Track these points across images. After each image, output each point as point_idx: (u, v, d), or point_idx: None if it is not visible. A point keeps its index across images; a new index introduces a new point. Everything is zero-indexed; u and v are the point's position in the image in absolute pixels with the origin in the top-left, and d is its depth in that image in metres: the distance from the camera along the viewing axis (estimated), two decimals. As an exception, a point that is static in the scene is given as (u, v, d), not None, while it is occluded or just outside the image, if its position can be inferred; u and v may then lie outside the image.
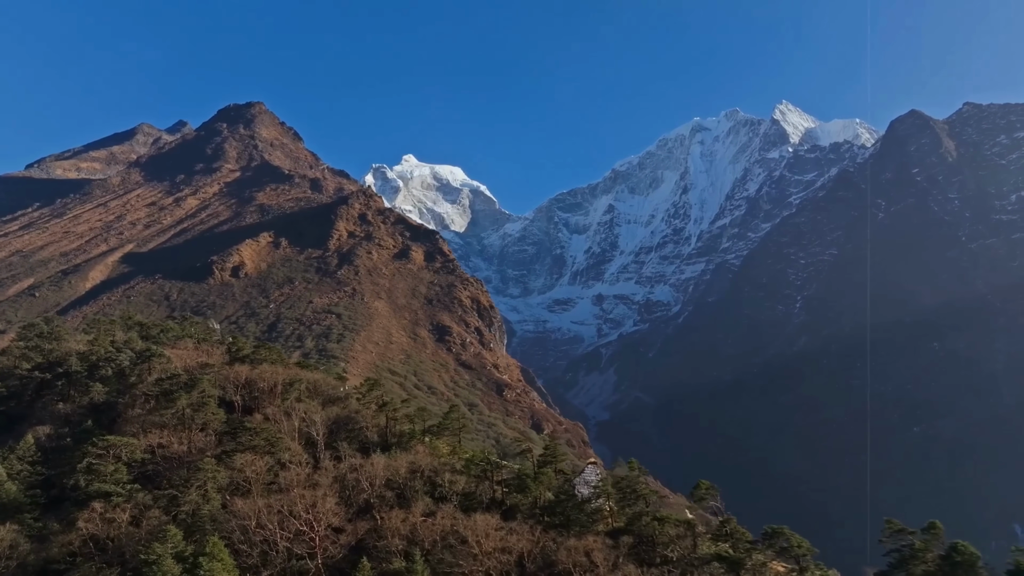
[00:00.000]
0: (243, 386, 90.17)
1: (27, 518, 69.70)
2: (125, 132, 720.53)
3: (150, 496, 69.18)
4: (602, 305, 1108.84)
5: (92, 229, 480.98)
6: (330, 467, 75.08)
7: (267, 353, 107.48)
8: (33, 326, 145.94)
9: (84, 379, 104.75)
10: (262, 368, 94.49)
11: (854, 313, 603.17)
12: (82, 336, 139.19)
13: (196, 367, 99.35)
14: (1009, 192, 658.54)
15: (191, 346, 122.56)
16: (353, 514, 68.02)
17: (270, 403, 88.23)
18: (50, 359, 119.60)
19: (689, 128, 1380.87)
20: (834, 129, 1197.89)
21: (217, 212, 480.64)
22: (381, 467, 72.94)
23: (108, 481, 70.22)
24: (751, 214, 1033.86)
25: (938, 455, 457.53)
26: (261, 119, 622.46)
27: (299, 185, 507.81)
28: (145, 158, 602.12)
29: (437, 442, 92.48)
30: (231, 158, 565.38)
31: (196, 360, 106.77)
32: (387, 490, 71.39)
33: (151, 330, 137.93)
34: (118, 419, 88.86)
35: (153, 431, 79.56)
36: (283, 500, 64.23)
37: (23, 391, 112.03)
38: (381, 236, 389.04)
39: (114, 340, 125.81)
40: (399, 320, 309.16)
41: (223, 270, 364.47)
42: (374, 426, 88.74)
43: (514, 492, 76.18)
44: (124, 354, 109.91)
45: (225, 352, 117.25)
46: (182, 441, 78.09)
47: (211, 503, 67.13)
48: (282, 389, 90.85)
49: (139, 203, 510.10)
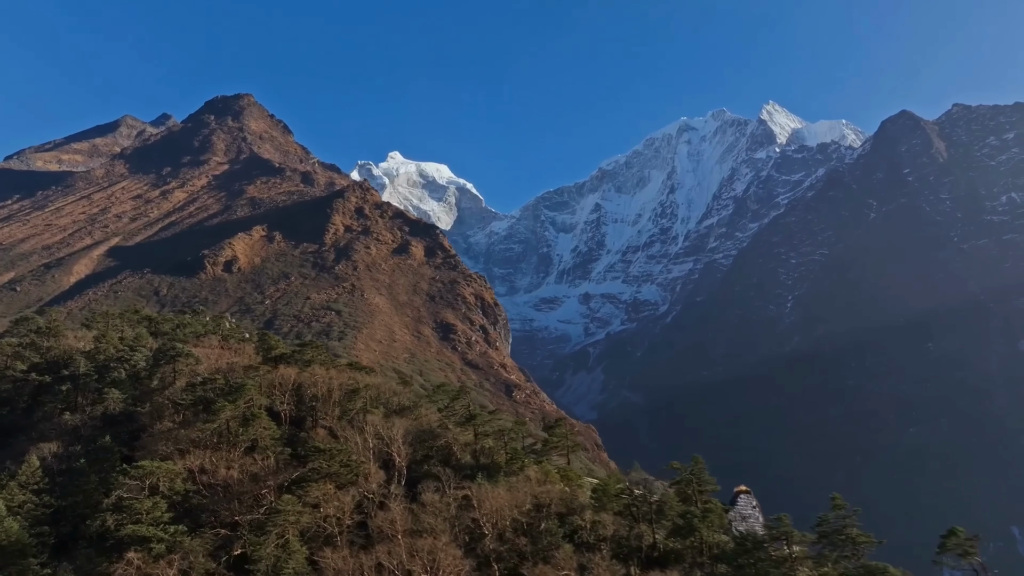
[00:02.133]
0: (290, 393, 76.86)
1: (33, 564, 55.68)
2: (108, 124, 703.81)
3: (199, 540, 55.04)
4: (589, 304, 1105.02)
5: (75, 222, 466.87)
6: (434, 502, 59.03)
7: (314, 353, 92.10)
8: (26, 320, 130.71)
9: (94, 383, 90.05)
10: (313, 371, 79.64)
11: (847, 313, 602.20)
12: (84, 332, 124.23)
13: (229, 369, 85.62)
14: (999, 193, 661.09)
15: (216, 343, 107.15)
16: (474, 570, 53.75)
17: (327, 414, 74.93)
18: (48, 358, 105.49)
19: (676, 127, 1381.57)
20: (820, 130, 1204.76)
21: (206, 205, 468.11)
22: (504, 502, 57.57)
23: (144, 521, 55.45)
24: (738, 214, 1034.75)
25: (934, 456, 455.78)
26: (250, 111, 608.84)
27: (290, 178, 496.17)
28: (130, 150, 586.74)
29: (547, 465, 75.67)
30: (219, 151, 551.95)
31: (227, 361, 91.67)
32: (516, 534, 57.08)
33: (162, 325, 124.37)
34: (141, 434, 74.71)
35: (190, 451, 64.37)
36: (389, 552, 51.05)
37: (17, 396, 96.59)
38: (379, 230, 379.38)
39: (123, 336, 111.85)
40: (401, 317, 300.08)
41: (215, 264, 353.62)
42: (464, 444, 73.63)
43: (674, 535, 60.36)
44: (139, 353, 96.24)
45: (257, 351, 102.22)
46: (229, 464, 62.49)
47: (295, 558, 52.10)
48: (341, 397, 76.69)
49: (124, 196, 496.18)
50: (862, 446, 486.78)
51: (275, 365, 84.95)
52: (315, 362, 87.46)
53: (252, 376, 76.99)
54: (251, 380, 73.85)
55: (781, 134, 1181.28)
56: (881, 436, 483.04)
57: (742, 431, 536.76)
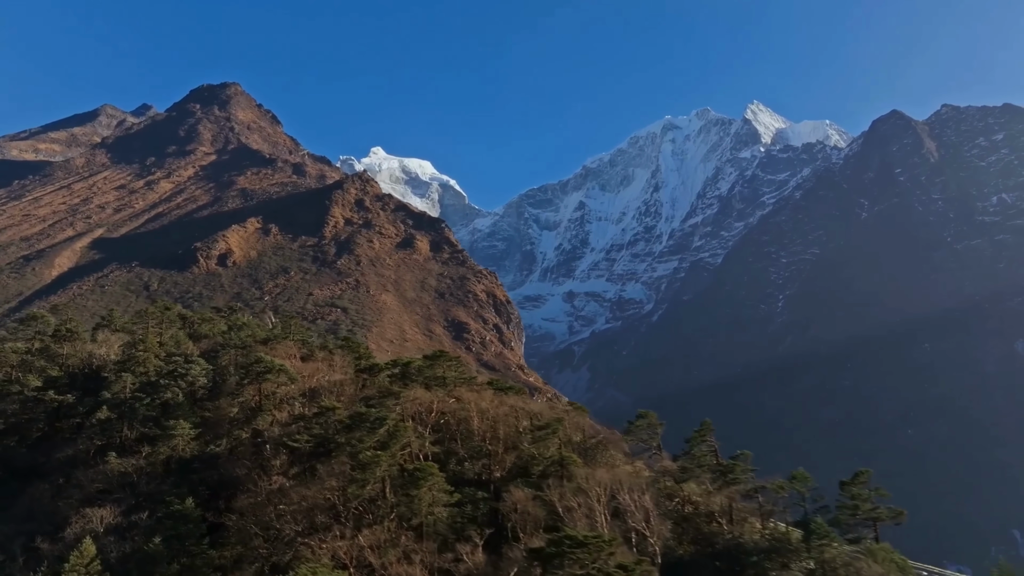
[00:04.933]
0: (436, 427, 56.27)
1: None
2: (86, 113, 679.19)
3: None
4: (573, 302, 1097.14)
5: (55, 212, 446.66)
6: None
7: (447, 367, 66.53)
8: (35, 319, 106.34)
9: (144, 409, 67.47)
10: (461, 395, 58.52)
11: (841, 313, 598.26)
12: (107, 334, 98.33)
13: (331, 389, 64.10)
14: (990, 194, 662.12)
15: (295, 351, 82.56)
16: None
17: (497, 463, 53.53)
18: (69, 370, 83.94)
19: (660, 126, 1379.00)
20: (804, 130, 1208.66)
21: (194, 196, 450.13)
22: None
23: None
24: (724, 213, 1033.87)
25: (933, 458, 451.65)
26: (237, 100, 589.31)
27: (282, 170, 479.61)
28: (111, 139, 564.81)
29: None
30: (206, 140, 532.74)
31: (326, 378, 67.90)
32: None
33: (200, 326, 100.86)
34: (239, 494, 53.73)
35: (332, 529, 43.21)
36: None
37: (29, 422, 75.11)
38: (381, 223, 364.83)
39: (162, 341, 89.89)
40: (410, 315, 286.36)
41: (208, 258, 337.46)
42: (718, 511, 52.41)
43: None
44: (197, 366, 75.16)
45: (352, 363, 77.43)
46: (406, 555, 40.27)
47: None
48: (515, 434, 55.07)
49: (107, 186, 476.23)
50: (859, 448, 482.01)
51: (402, 384, 63.07)
52: (452, 381, 64.04)
53: (389, 404, 56.33)
54: (392, 411, 53.61)
55: (766, 134, 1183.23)
56: (881, 437, 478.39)
57: (736, 431, 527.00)
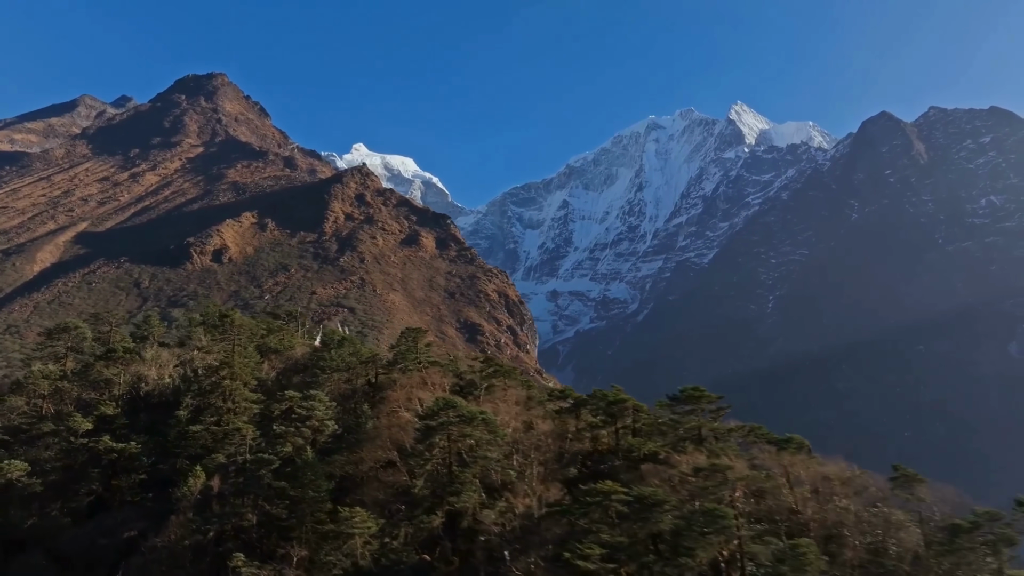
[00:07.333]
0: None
1: None
2: (64, 104, 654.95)
3: None
4: (557, 301, 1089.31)
5: (35, 205, 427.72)
6: None
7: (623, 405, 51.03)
8: (66, 329, 79.92)
9: (268, 475, 48.62)
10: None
11: (834, 314, 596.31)
12: (156, 350, 78.50)
13: (524, 428, 49.99)
14: (979, 196, 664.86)
15: (442, 380, 67.97)
16: None
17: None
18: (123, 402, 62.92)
19: (644, 126, 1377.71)
20: (787, 131, 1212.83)
21: (183, 189, 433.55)
22: None
23: None
24: (708, 213, 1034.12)
25: (931, 460, 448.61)
26: (224, 92, 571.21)
27: (274, 163, 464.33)
28: (92, 130, 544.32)
29: None
30: (192, 132, 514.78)
31: (514, 423, 53.76)
32: None
33: (268, 339, 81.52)
34: None
35: None
36: None
37: (74, 481, 54.59)
38: (384, 219, 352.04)
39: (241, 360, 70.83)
40: (421, 316, 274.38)
41: (202, 254, 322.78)
42: None
43: None
44: (320, 405, 57.84)
45: (524, 399, 63.10)
46: None
47: None
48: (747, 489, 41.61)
49: (89, 178, 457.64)
50: (856, 450, 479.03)
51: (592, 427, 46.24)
52: (609, 412, 49.40)
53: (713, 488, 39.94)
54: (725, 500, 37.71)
55: (749, 134, 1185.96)
56: (878, 439, 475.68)
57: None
